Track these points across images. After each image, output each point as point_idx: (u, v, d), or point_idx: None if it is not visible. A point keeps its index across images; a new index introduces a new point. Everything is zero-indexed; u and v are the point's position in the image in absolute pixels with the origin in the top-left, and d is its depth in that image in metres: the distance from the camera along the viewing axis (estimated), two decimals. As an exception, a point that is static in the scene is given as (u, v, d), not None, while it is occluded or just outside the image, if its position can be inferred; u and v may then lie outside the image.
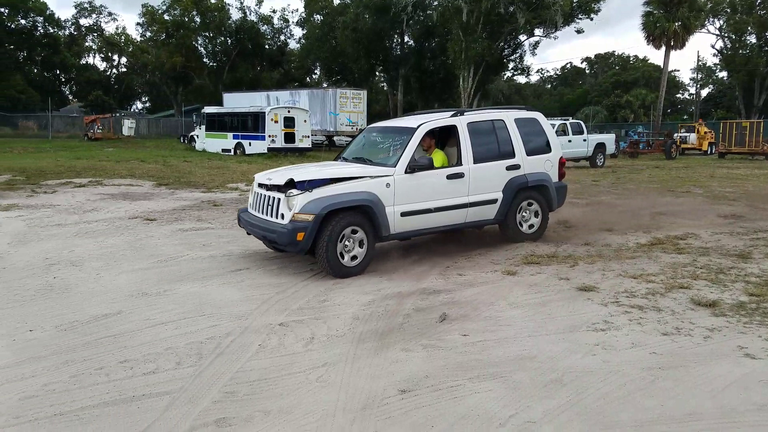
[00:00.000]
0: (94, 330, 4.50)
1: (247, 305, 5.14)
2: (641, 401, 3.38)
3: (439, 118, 7.20)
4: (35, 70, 52.36)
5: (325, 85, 48.08)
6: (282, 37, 58.91)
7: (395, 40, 48.08)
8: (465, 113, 7.34)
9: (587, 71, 75.59)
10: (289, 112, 27.88)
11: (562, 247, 7.39)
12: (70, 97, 60.06)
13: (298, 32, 71.47)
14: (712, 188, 14.09)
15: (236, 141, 27.84)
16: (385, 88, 56.94)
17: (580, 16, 40.26)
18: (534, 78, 75.32)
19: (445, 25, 39.81)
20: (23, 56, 51.07)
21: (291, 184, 6.26)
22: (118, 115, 47.73)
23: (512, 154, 7.36)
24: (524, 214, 7.57)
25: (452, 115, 7.22)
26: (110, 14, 60.41)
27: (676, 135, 33.09)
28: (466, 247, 7.46)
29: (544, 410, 3.28)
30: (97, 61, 61.19)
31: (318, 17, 53.34)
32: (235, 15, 55.04)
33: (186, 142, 34.71)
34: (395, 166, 6.53)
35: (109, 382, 3.62)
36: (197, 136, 31.04)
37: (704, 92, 62.07)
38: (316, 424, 3.16)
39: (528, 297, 5.36)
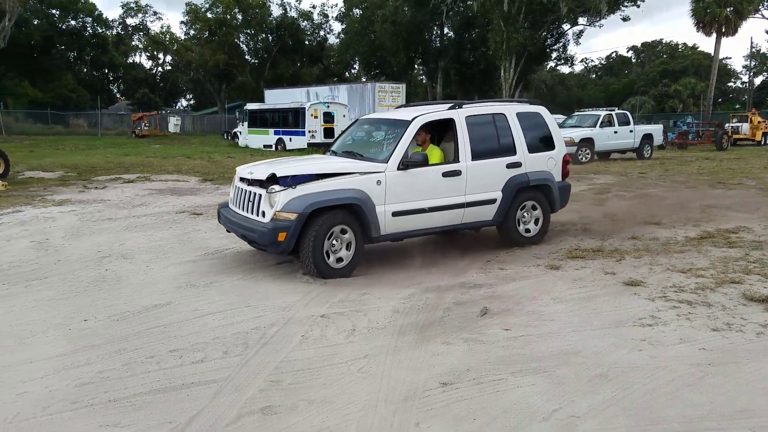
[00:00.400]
0: (145, 320, 4.67)
1: (290, 297, 5.23)
2: (690, 397, 3.30)
3: (436, 111, 6.71)
4: (85, 70, 54.22)
5: (363, 80, 48.21)
6: (321, 33, 59.38)
7: (434, 32, 47.75)
8: (464, 105, 6.85)
9: (633, 60, 73.39)
10: (328, 107, 28.12)
11: (608, 241, 7.24)
12: (118, 96, 61.95)
13: (337, 27, 71.92)
14: (765, 180, 13.51)
15: (277, 137, 28.29)
16: (424, 81, 56.69)
17: (626, 4, 39.08)
18: (578, 68, 73.48)
19: (486, 16, 39.28)
20: (73, 56, 52.94)
21: (273, 179, 5.79)
22: (163, 112, 48.99)
23: (513, 151, 6.86)
24: (525, 215, 7.08)
25: (450, 108, 6.73)
26: (155, 13, 62.25)
27: (727, 125, 31.78)
28: (506, 242, 7.36)
29: (588, 405, 3.24)
30: (143, 59, 62.97)
31: (357, 11, 53.44)
32: (276, 11, 55.75)
33: (229, 138, 35.44)
34: (387, 162, 6.07)
35: (160, 370, 3.75)
36: (240, 132, 31.67)
37: (758, 80, 59.41)
38: (359, 414, 3.20)
39: (572, 292, 5.28)
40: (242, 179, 6.31)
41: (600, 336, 4.22)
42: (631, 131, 21.24)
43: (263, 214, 5.74)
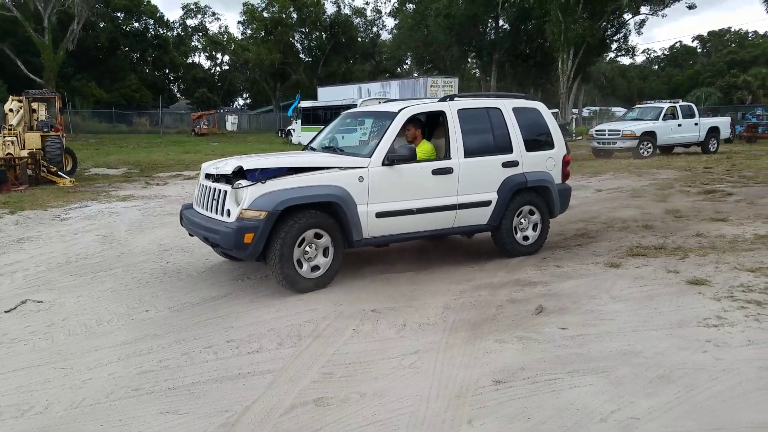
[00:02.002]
0: (204, 311, 4.82)
1: (341, 291, 5.27)
2: (759, 402, 3.13)
3: (426, 103, 6.23)
4: (147, 70, 56.30)
5: (415, 75, 48.08)
6: (374, 29, 59.59)
7: (489, 25, 47.01)
8: (456, 98, 6.28)
9: (699, 50, 70.13)
10: (380, 103, 28.19)
11: (671, 239, 6.94)
12: (178, 95, 64.08)
13: (390, 23, 71.92)
14: None
15: (331, 133, 28.58)
16: (477, 75, 55.98)
17: (691, -10, 37.36)
18: (639, 59, 70.70)
19: (543, 6, 38.31)
20: (137, 57, 55.11)
21: (239, 173, 5.21)
22: (221, 111, 50.33)
23: (509, 149, 6.24)
24: (522, 220, 6.44)
25: (440, 100, 6.22)
26: (214, 14, 63.93)
27: (801, 116, 29.92)
28: (564, 239, 7.20)
29: (649, 407, 3.12)
30: (202, 59, 64.87)
31: (410, 6, 53.30)
32: (330, 9, 56.35)
33: (284, 136, 36.07)
34: (371, 157, 5.47)
35: (217, 360, 3.86)
36: (294, 130, 32.19)
37: (838, 68, 55.68)
38: (410, 408, 3.19)
39: (633, 290, 5.09)
40: (208, 176, 5.67)
41: (661, 336, 4.05)
42: (695, 124, 20.30)
43: (228, 213, 5.07)
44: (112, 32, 48.72)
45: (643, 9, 39.03)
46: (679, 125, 19.86)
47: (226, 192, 5.17)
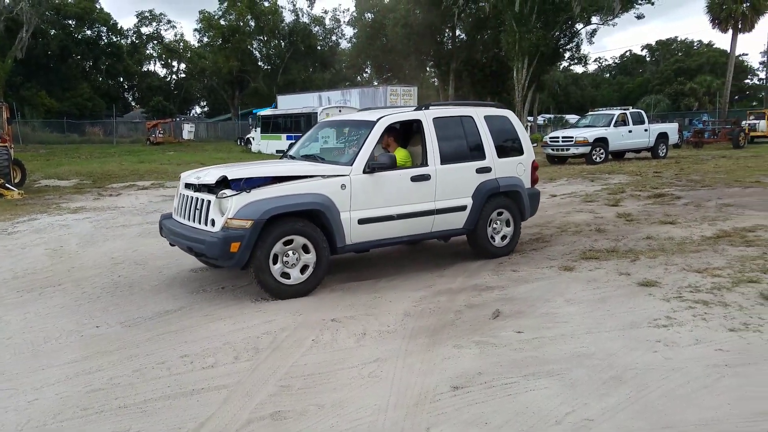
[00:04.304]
0: (157, 326, 4.69)
1: (301, 302, 5.22)
2: (706, 399, 3.23)
3: (402, 112, 6.38)
4: (100, 79, 54.83)
5: (375, 83, 48.29)
6: (333, 38, 59.62)
7: (446, 34, 47.69)
8: (431, 107, 6.45)
9: (648, 59, 72.61)
10: (340, 111, 28.16)
11: (623, 242, 7.15)
12: (133, 104, 62.64)
13: (349, 32, 72.05)
14: (785, 177, 13.27)
15: (290, 142, 28.27)
16: (436, 84, 56.63)
17: (639, 1, 38.70)
18: (591, 67, 72.81)
19: (498, 17, 39.09)
20: (89, 66, 53.62)
21: (223, 182, 5.23)
22: (178, 119, 49.40)
23: (482, 156, 6.48)
24: (495, 224, 6.68)
25: (416, 109, 6.38)
26: (169, 22, 62.62)
27: (744, 123, 31.27)
28: (520, 244, 7.31)
29: (602, 408, 3.18)
30: (157, 67, 63.62)
31: (369, 15, 53.59)
32: (288, 17, 56.09)
33: (243, 144, 35.64)
34: (352, 165, 5.59)
35: (170, 376, 3.76)
36: (253, 138, 31.87)
37: (776, 76, 58.54)
38: (369, 418, 3.17)
39: (586, 293, 5.21)
40: (188, 185, 5.71)
41: (614, 338, 4.15)
42: (645, 130, 21.01)
43: (212, 222, 5.10)
44: (63, 40, 47.34)
45: (594, 19, 40.30)
46: (630, 131, 20.53)
47: (209, 202, 5.20)
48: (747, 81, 65.58)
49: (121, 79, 58.76)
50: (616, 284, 5.41)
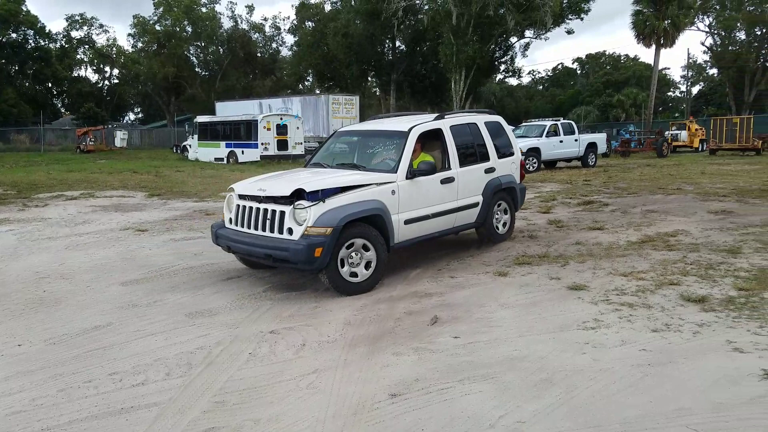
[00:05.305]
0: (84, 343, 4.49)
1: (239, 314, 5.13)
2: (630, 398, 3.38)
3: (425, 121, 6.93)
4: (27, 84, 52.13)
5: (317, 92, 48.16)
6: (274, 45, 59.05)
7: (387, 45, 48.18)
8: (446, 116, 7.22)
9: (578, 72, 75.78)
10: (281, 119, 27.91)
11: (554, 247, 7.42)
12: (62, 110, 59.85)
13: (289, 39, 71.59)
14: (702, 185, 14.15)
15: (229, 149, 27.84)
16: (377, 93, 57.02)
17: (569, 17, 40.42)
18: (525, 80, 75.34)
19: (436, 29, 39.89)
20: (15, 70, 50.86)
21: (298, 194, 5.66)
22: (110, 126, 47.55)
23: (487, 158, 7.40)
24: (497, 216, 7.69)
25: (436, 118, 7.09)
26: (101, 26, 60.08)
27: (667, 133, 33.14)
28: (457, 250, 7.46)
29: (533, 410, 3.28)
30: (88, 73, 60.97)
31: (309, 24, 53.44)
32: (227, 24, 55.16)
33: (179, 152, 34.67)
34: (396, 172, 6.21)
35: (98, 395, 3.60)
36: (190, 145, 31.02)
37: (695, 89, 62.33)
38: (307, 431, 3.15)
39: (519, 297, 5.37)
40: (244, 197, 6.05)
41: (545, 340, 4.30)
42: (575, 140, 21.91)
43: (290, 231, 5.51)
44: (-15, 42, 44.74)
45: (528, 33, 41.77)
46: (561, 141, 21.36)
47: (282, 212, 5.59)
48: (670, 93, 69.59)
49: (50, 85, 56.01)
50: (547, 288, 5.61)
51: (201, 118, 30.91)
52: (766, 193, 12.00)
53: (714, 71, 56.14)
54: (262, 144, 26.49)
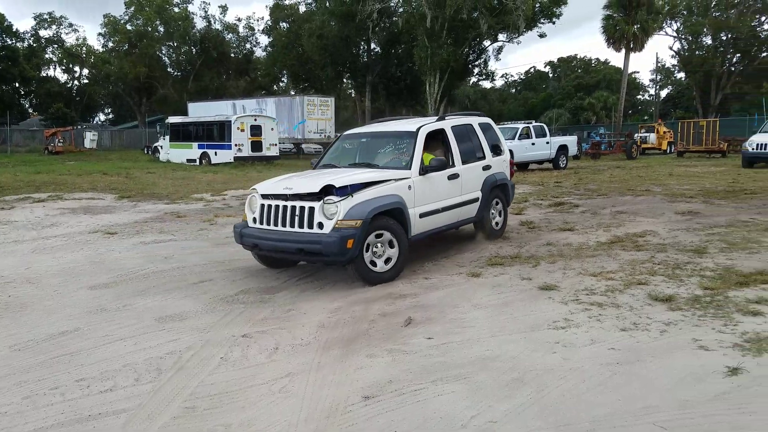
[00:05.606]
0: (50, 348, 4.39)
1: (210, 317, 5.07)
2: (599, 397, 3.43)
3: (430, 122, 7.38)
4: (-7, 83, 50.88)
5: (292, 93, 47.90)
6: (248, 46, 58.58)
7: (362, 47, 48.18)
8: (446, 117, 7.71)
9: (550, 75, 76.84)
10: (255, 120, 27.69)
11: (525, 248, 7.50)
12: (30, 111, 58.44)
13: (264, 40, 71.15)
14: (670, 186, 14.46)
15: (201, 151, 27.51)
16: (352, 95, 56.98)
17: (542, 21, 40.99)
18: (499, 83, 76.17)
19: (411, 32, 40.06)
20: (-20, 69, 49.58)
21: (327, 190, 5.95)
22: (79, 127, 46.61)
23: (484, 156, 7.91)
24: (493, 211, 8.11)
25: (438, 120, 7.56)
26: (71, 25, 58.61)
27: (636, 135, 33.86)
28: (431, 251, 7.50)
29: (505, 410, 3.31)
30: (57, 73, 59.78)
31: (284, 25, 53.15)
32: (200, 24, 54.55)
33: (150, 153, 34.14)
34: (410, 169, 6.60)
35: (65, 402, 3.52)
36: (161, 146, 30.56)
37: (663, 93, 63.82)
38: (278, 435, 3.13)
39: (491, 298, 5.41)
40: (268, 196, 6.28)
41: (516, 340, 4.34)
42: (547, 143, 22.22)
43: (320, 225, 5.79)
44: (-52, 40, 43.40)
45: (501, 36, 42.22)
46: (533, 144, 21.64)
47: (312, 208, 5.85)
48: (639, 96, 71.05)
49: (17, 85, 54.63)
50: (519, 289, 5.67)
51: (173, 119, 30.48)
52: (731, 195, 12.32)
53: (682, 75, 57.54)
54: (236, 145, 26.23)
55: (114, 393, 3.64)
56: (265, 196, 6.32)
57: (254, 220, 6.36)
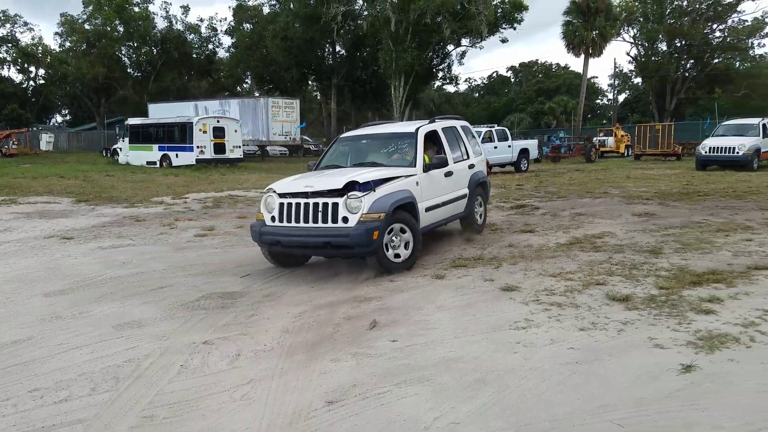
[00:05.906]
0: (2, 358, 4.24)
1: (170, 324, 4.97)
2: (559, 396, 3.50)
3: (424, 124, 7.97)
4: (-59, 83, 48.88)
5: (257, 95, 47.38)
6: (210, 46, 57.66)
7: (327, 50, 48.02)
8: (436, 120, 8.40)
9: (512, 80, 78.02)
10: (218, 122, 27.27)
11: (488, 249, 7.60)
12: (-18, 112, 56.34)
13: (227, 41, 70.12)
14: (627, 189, 14.86)
15: (162, 153, 26.93)
16: (318, 97, 56.71)
17: (503, 26, 41.64)
18: (462, 87, 76.91)
19: (376, 35, 40.10)
20: (-73, 68, 47.58)
21: (350, 186, 6.32)
22: (35, 129, 45.08)
23: (468, 156, 8.57)
24: (476, 207, 8.68)
25: (430, 122, 8.21)
26: (26, 24, 56.77)
27: (595, 139, 34.67)
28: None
29: (467, 411, 3.34)
30: (12, 73, 57.69)
31: (247, 26, 52.54)
32: (161, 24, 53.46)
33: (108, 155, 33.26)
34: (415, 166, 7.10)
35: (17, 413, 3.41)
36: (120, 149, 29.80)
37: (621, 97, 65.39)
38: (240, 442, 3.08)
39: (455, 299, 5.46)
40: (287, 195, 6.54)
41: (479, 341, 4.39)
42: (509, 146, 22.59)
43: (345, 219, 6.12)
44: None
45: (464, 41, 42.71)
46: (496, 147, 21.97)
47: (336, 204, 6.19)
48: (598, 101, 72.71)
49: (-31, 85, 52.60)
50: (482, 290, 5.73)
51: (132, 120, 29.76)
52: (685, 196, 12.74)
53: (639, 80, 59.07)
54: (198, 147, 25.77)
55: (69, 403, 3.53)
56: (283, 195, 6.56)
57: (273, 218, 6.55)
